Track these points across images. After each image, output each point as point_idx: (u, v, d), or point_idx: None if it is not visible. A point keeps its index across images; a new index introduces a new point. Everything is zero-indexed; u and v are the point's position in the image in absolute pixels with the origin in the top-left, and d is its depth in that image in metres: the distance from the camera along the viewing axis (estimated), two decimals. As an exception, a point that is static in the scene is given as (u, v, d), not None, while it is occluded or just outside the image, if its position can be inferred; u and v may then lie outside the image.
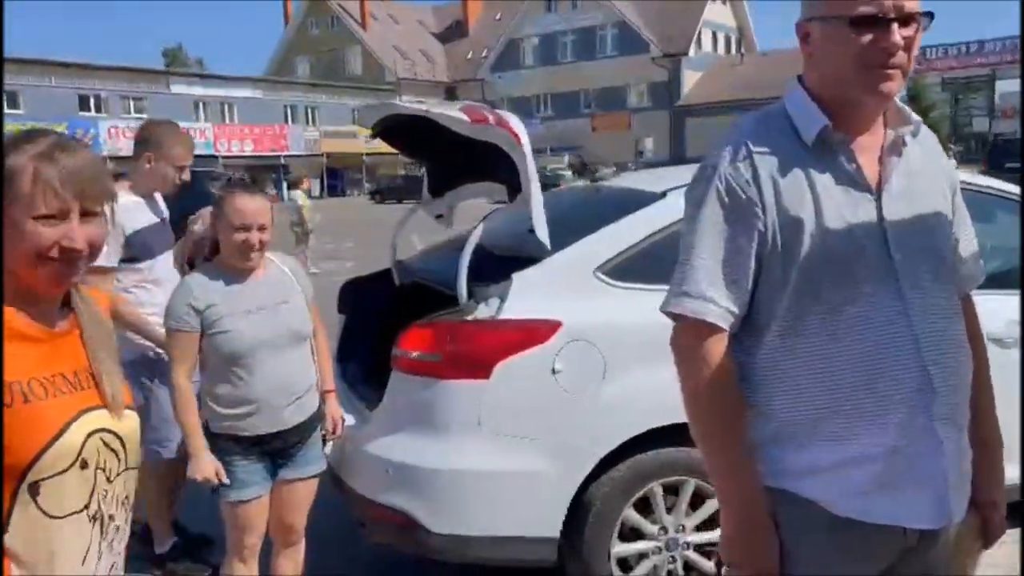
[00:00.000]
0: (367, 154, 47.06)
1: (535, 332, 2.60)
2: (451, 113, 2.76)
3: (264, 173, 14.66)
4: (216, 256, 2.54)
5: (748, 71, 47.48)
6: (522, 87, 50.46)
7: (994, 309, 2.16)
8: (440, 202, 3.76)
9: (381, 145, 3.56)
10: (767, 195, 1.38)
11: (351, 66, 55.62)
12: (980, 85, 45.07)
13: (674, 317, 1.45)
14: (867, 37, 1.32)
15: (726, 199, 1.39)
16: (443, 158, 3.57)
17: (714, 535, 2.82)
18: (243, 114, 43.64)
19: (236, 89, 44.28)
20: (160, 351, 3.14)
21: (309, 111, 47.56)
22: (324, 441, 2.72)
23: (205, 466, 2.41)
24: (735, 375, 1.43)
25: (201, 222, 3.24)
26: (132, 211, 3.16)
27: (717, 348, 1.40)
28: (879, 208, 1.40)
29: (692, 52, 48.86)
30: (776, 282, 1.39)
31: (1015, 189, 3.26)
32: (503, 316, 2.63)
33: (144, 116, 39.38)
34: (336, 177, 48.91)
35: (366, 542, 2.99)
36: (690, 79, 48.69)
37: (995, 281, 1.99)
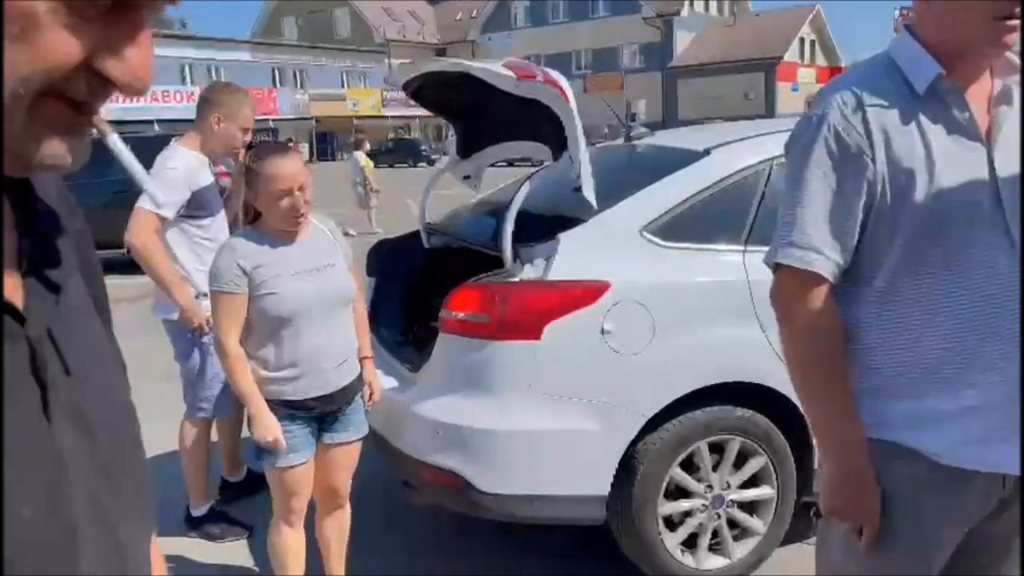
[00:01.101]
0: (356, 117, 46.59)
1: (585, 293, 2.58)
2: (496, 69, 2.70)
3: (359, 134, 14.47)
4: (257, 221, 2.47)
5: (741, 32, 47.07)
6: (513, 48, 49.79)
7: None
8: (468, 163, 3.72)
9: (369, 109, 3.53)
10: (877, 145, 1.36)
11: (339, 28, 54.72)
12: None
13: (776, 268, 1.44)
14: None
15: (835, 149, 1.37)
16: (473, 118, 3.52)
17: (759, 492, 2.84)
18: (230, 77, 42.68)
19: (223, 51, 43.50)
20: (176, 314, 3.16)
21: (297, 74, 46.89)
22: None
23: (269, 428, 2.37)
24: (839, 326, 1.42)
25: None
26: (198, 169, 3.23)
27: (821, 298, 1.40)
28: (990, 158, 1.39)
29: (684, 12, 48.30)
30: (884, 234, 1.38)
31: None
32: (551, 277, 2.61)
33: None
34: (326, 141, 48.40)
35: (410, 504, 3.00)
36: (683, 40, 48.19)
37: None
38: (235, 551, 3.25)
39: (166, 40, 43.35)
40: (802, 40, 47.53)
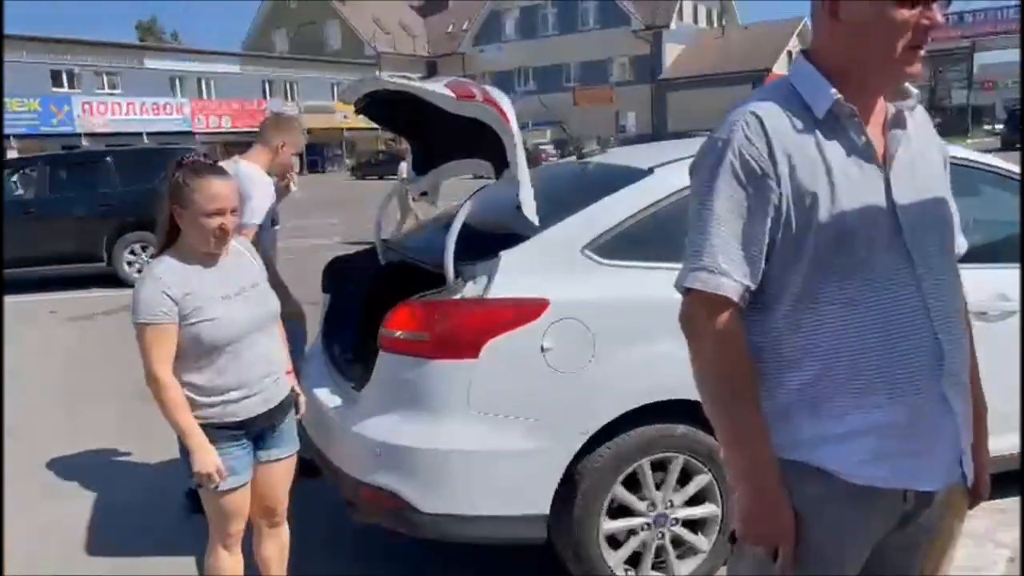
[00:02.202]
0: (347, 129, 46.64)
1: (523, 311, 2.58)
2: (436, 89, 2.71)
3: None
4: (176, 242, 2.40)
5: (730, 44, 47.38)
6: (503, 61, 50.01)
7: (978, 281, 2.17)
8: (424, 180, 3.73)
9: (361, 121, 3.66)
10: (781, 168, 1.37)
11: (330, 40, 54.85)
12: (960, 57, 45.11)
13: (686, 291, 1.44)
14: (912, 15, 1.33)
15: (740, 172, 1.38)
16: (428, 135, 3.53)
17: (703, 510, 2.84)
18: (221, 89, 43.02)
19: (213, 64, 43.60)
20: None
21: (288, 86, 46.97)
22: None
23: (210, 461, 2.32)
24: (746, 347, 1.42)
25: None
26: (271, 187, 3.77)
27: (729, 321, 1.40)
28: (887, 181, 1.41)
29: (674, 25, 48.58)
30: (789, 256, 1.39)
31: (997, 163, 3.27)
32: (491, 295, 2.61)
33: (118, 91, 38.76)
34: (316, 153, 48.42)
35: (351, 523, 2.97)
36: (672, 52, 48.46)
37: (979, 254, 1.99)
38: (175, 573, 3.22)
39: (157, 53, 43.48)
40: (790, 53, 47.77)
